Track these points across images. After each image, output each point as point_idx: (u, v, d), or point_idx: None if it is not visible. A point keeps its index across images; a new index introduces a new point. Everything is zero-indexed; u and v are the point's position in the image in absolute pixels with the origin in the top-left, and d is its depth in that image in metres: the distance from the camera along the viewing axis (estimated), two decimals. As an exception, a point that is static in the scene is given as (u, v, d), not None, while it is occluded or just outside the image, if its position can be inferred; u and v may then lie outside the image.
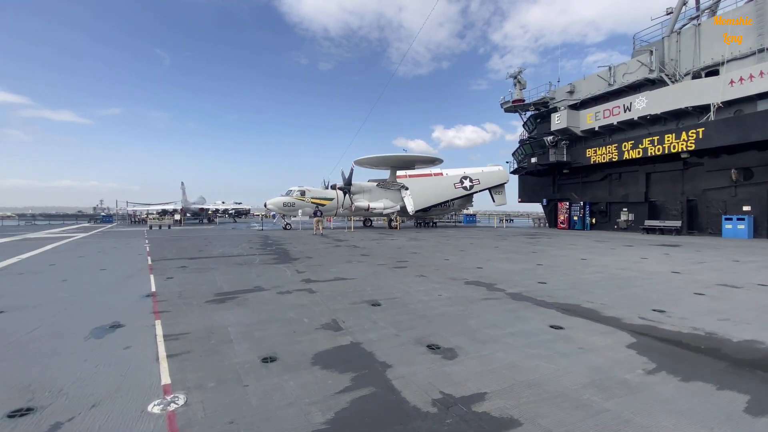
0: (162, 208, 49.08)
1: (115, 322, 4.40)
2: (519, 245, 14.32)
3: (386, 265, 8.93)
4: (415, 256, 10.68)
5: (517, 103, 32.17)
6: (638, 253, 11.72)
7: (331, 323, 4.35)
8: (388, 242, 15.67)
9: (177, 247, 13.57)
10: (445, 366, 3.16)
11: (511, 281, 6.95)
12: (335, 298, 5.56)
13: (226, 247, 13.73)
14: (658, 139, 21.57)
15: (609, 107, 24.70)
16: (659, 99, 21.84)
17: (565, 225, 28.17)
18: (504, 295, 5.84)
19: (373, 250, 12.59)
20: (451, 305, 5.17)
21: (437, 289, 6.19)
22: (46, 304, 5.33)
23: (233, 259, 10.17)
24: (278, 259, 10.19)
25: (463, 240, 16.99)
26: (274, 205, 26.37)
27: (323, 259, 10.11)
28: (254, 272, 8.04)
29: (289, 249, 12.96)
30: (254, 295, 5.80)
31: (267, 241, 16.63)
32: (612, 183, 26.61)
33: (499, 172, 30.09)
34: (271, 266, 8.94)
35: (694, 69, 21.49)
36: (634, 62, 24.00)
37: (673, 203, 22.69)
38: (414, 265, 8.91)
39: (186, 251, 12.32)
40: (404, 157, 29.46)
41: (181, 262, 9.72)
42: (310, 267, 8.73)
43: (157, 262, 9.61)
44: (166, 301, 5.47)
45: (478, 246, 14.00)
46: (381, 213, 27.02)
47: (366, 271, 8.06)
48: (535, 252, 11.85)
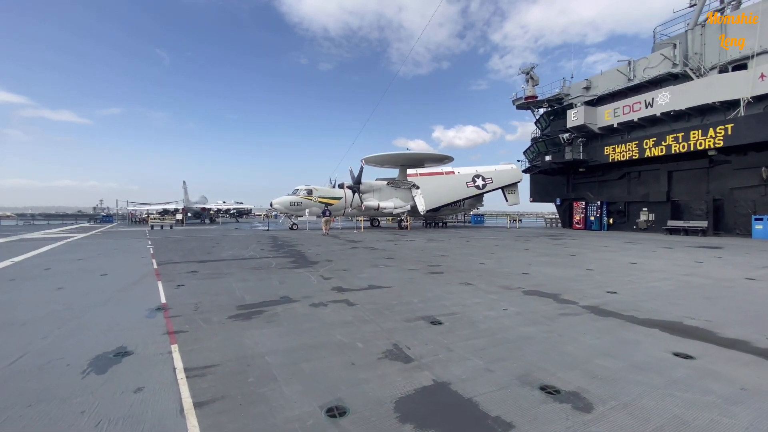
0: (163, 207, 48.18)
1: (121, 348, 3.49)
2: (548, 247, 13.40)
3: (419, 270, 8.02)
4: (446, 260, 9.77)
5: (529, 100, 31.29)
6: (686, 255, 10.80)
7: (393, 350, 3.44)
8: (406, 243, 14.75)
9: (183, 249, 12.66)
10: (588, 426, 2.24)
11: (573, 290, 6.03)
12: (382, 313, 4.65)
13: (236, 248, 12.82)
14: (683, 136, 20.66)
15: (629, 103, 23.78)
16: (684, 94, 20.91)
17: (581, 225, 27.25)
18: (580, 308, 4.93)
19: (394, 252, 11.67)
20: (528, 324, 4.26)
21: (496, 301, 5.27)
22: (36, 320, 4.42)
23: (247, 263, 9.25)
24: (296, 263, 9.27)
25: (485, 241, 16.07)
26: (280, 204, 25.44)
27: (346, 263, 9.20)
28: (275, 278, 7.12)
29: (304, 251, 12.05)
30: (284, 309, 4.89)
31: (277, 242, 15.71)
32: (631, 182, 25.68)
33: (513, 171, 29.18)
34: (291, 271, 8.02)
35: (720, 63, 20.57)
36: (656, 56, 23.09)
37: (697, 203, 21.76)
38: (451, 270, 7.99)
39: (193, 253, 11.40)
40: (413, 155, 28.51)
41: (189, 266, 8.81)
42: (335, 272, 7.81)
43: (164, 266, 8.69)
44: (181, 316, 4.56)
45: (506, 248, 13.08)
46: (391, 213, 26.09)
47: (400, 278, 7.15)
48: (574, 255, 10.93)
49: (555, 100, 30.08)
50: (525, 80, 31.71)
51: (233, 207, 54.15)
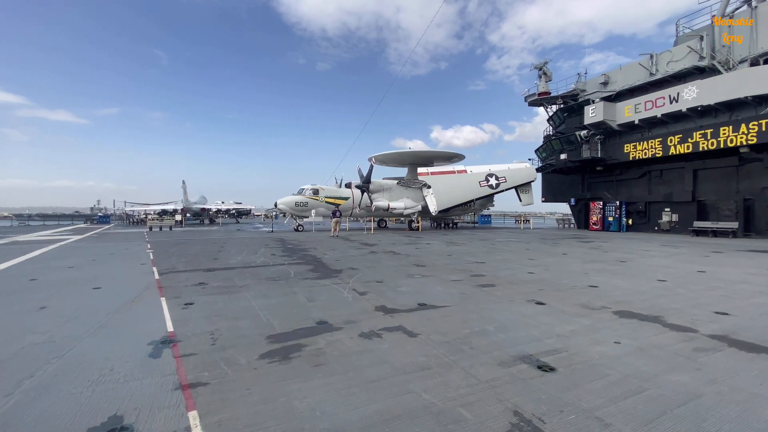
0: (162, 208, 46.92)
1: (116, 420, 2.35)
2: (586, 251, 12.28)
3: (465, 283, 6.89)
4: (485, 268, 8.64)
5: (542, 96, 30.21)
6: (749, 261, 9.73)
7: (520, 423, 2.32)
8: (427, 247, 13.63)
9: (186, 254, 11.50)
10: None
11: (670, 310, 4.92)
12: (461, 350, 3.53)
13: (244, 253, 11.68)
14: (712, 132, 19.61)
15: (651, 98, 22.70)
16: (713, 88, 19.85)
17: (598, 226, 26.20)
18: (709, 339, 3.82)
19: (420, 257, 10.55)
20: (669, 368, 3.14)
21: (595, 329, 4.15)
22: (4, 362, 3.29)
23: (261, 272, 8.11)
24: (317, 272, 8.13)
25: (512, 244, 14.95)
26: (285, 204, 24.30)
27: (374, 272, 8.07)
28: (300, 293, 5.99)
29: (319, 256, 10.92)
30: (328, 342, 3.76)
31: (286, 245, 14.57)
32: (652, 181, 24.62)
33: (527, 170, 28.09)
34: (316, 283, 6.89)
35: (751, 55, 19.52)
36: (681, 49, 22.04)
37: (725, 203, 20.70)
38: (502, 283, 6.87)
39: (198, 259, 10.26)
40: (423, 154, 27.35)
41: (196, 275, 7.66)
42: (367, 285, 6.68)
43: (167, 276, 7.55)
44: (196, 354, 3.42)
45: (540, 252, 11.96)
46: (401, 213, 24.94)
47: (449, 293, 6.03)
48: (624, 261, 9.81)
49: (570, 96, 29.01)
50: (538, 76, 30.62)
51: (233, 207, 52.83)
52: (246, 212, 67.33)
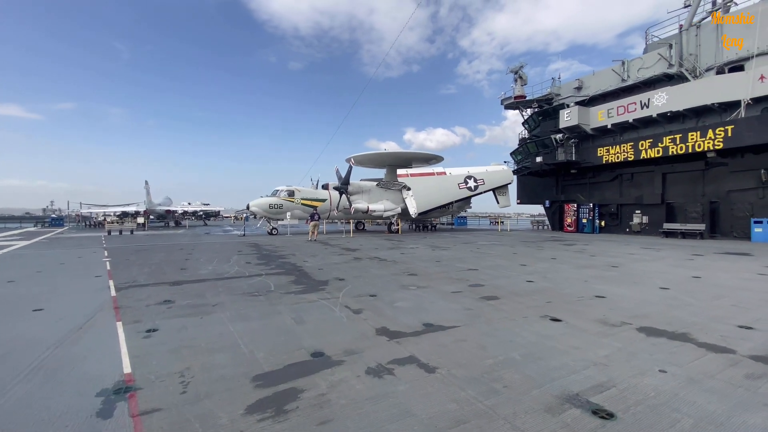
0: (122, 210, 43.91)
1: None
2: (572, 255, 12.14)
3: (465, 295, 6.36)
4: (480, 276, 8.17)
5: (518, 99, 30.56)
6: (733, 265, 9.82)
7: None
8: (412, 252, 13.10)
9: (149, 263, 10.36)
10: None
11: (695, 326, 4.58)
12: (495, 391, 2.94)
13: (215, 261, 10.67)
14: (681, 138, 20.32)
15: (623, 104, 23.35)
16: (682, 95, 20.60)
17: (572, 228, 26.69)
18: (754, 363, 3.44)
19: (409, 264, 9.98)
20: (738, 406, 2.69)
21: (630, 354, 3.69)
22: None
23: (237, 284, 7.25)
24: (300, 283, 7.37)
25: (497, 248, 14.66)
26: (258, 207, 23.12)
27: (364, 283, 7.40)
28: (285, 313, 5.24)
29: (299, 264, 10.12)
30: (331, 384, 3.07)
31: (261, 250, 13.61)
32: (623, 184, 25.34)
33: (504, 172, 28.25)
34: (301, 298, 6.14)
35: (716, 64, 20.40)
36: (652, 56, 22.79)
37: (693, 205, 21.53)
38: (505, 294, 6.39)
39: (162, 270, 9.19)
40: (401, 155, 26.99)
41: (161, 291, 6.71)
42: (359, 299, 6.01)
43: (126, 293, 6.55)
44: (161, 411, 2.64)
45: (529, 257, 11.69)
46: (381, 216, 24.33)
47: (453, 309, 5.46)
48: (616, 267, 9.63)
49: (545, 100, 29.49)
50: (513, 79, 30.97)
51: (200, 209, 50.17)
52: (214, 214, 64.72)
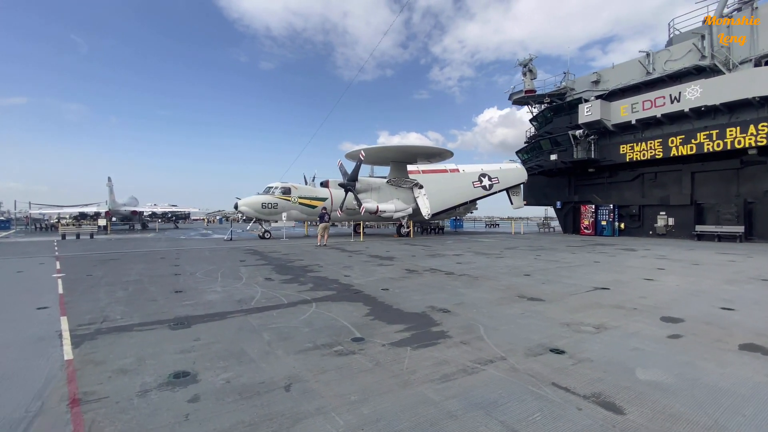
0: (80, 211, 38.74)
1: None
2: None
3: (691, 339, 3.80)
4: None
5: (529, 94, 28.75)
6: None
7: None
8: (467, 260, 10.50)
9: (122, 281, 7.18)
10: None
11: None
12: None
13: (219, 277, 7.63)
14: (718, 134, 18.91)
15: (650, 98, 21.83)
16: (719, 88, 19.19)
17: (590, 230, 24.99)
18: None
19: (497, 280, 7.36)
20: None
21: None
22: None
23: (280, 321, 4.35)
24: (384, 319, 4.58)
25: (555, 253, 12.27)
26: (249, 206, 19.86)
27: (485, 317, 4.72)
28: (430, 393, 2.46)
29: (343, 280, 7.28)
30: None
31: (270, 260, 10.60)
32: (645, 184, 23.87)
33: (518, 170, 26.24)
34: (424, 355, 3.37)
35: (754, 56, 19.15)
36: (681, 47, 21.40)
37: (726, 206, 20.18)
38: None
39: (148, 293, 6.09)
40: (408, 149, 24.35)
41: (158, 341, 3.73)
42: (538, 359, 3.32)
43: (93, 349, 3.53)
44: None
45: (621, 264, 9.35)
46: (391, 217, 21.56)
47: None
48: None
49: (557, 95, 27.82)
50: (523, 73, 29.14)
51: (169, 210, 45.22)
52: (184, 216, 59.85)
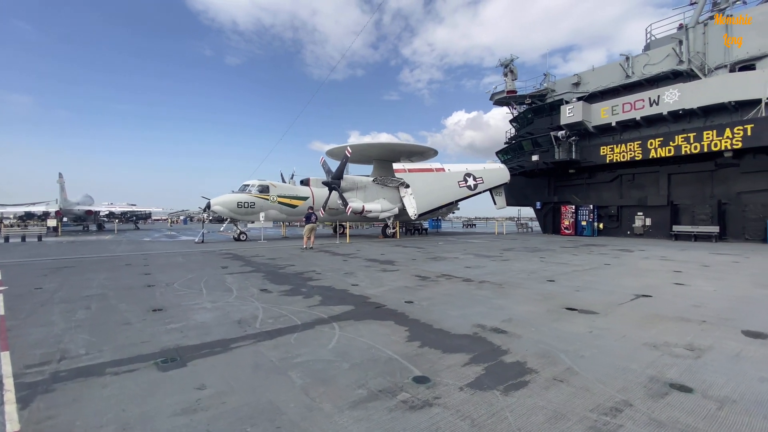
0: (26, 210, 34.94)
1: None
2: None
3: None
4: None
5: (510, 95, 28.77)
6: None
7: None
8: (475, 264, 9.79)
9: (80, 296, 5.83)
10: None
11: None
12: None
13: (203, 288, 6.42)
14: (695, 136, 19.46)
15: (630, 100, 22.27)
16: (696, 92, 19.78)
17: (570, 231, 25.26)
18: None
19: (513, 284, 6.63)
20: None
21: None
22: None
23: (302, 352, 3.35)
24: (438, 347, 3.69)
25: (557, 255, 11.83)
26: (223, 205, 18.29)
27: (552, 337, 3.93)
28: None
29: (352, 290, 6.31)
30: None
31: (257, 266, 9.39)
32: (623, 185, 24.39)
33: (501, 171, 26.07)
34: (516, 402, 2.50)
35: (727, 62, 19.90)
36: (659, 52, 21.97)
37: (701, 207, 20.86)
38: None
39: (118, 313, 4.85)
40: (392, 146, 23.70)
41: (135, 386, 2.62)
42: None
43: (44, 405, 2.37)
44: None
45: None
46: (377, 217, 20.63)
47: None
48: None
49: (538, 96, 28.00)
50: (504, 74, 29.16)
51: (127, 210, 41.70)
52: (145, 216, 56.08)
